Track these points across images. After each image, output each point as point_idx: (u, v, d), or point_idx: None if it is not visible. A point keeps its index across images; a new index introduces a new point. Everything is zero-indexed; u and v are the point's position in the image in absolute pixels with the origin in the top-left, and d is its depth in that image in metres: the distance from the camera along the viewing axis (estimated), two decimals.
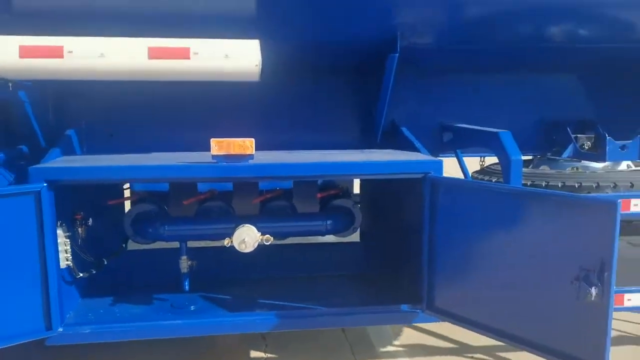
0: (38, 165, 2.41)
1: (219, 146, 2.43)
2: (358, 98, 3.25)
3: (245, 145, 2.43)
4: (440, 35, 2.97)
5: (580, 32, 3.16)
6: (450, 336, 3.84)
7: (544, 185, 3.03)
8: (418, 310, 2.64)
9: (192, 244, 3.01)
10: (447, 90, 3.36)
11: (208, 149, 2.44)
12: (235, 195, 3.11)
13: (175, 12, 2.54)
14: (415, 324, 3.97)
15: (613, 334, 3.43)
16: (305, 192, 3.08)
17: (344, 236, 3.18)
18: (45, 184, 2.33)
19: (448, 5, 2.78)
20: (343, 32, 2.79)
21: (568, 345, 2.11)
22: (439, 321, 2.63)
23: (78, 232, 2.68)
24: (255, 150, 2.44)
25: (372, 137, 3.26)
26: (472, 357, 3.58)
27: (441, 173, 2.58)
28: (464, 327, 2.53)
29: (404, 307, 2.68)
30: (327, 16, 2.66)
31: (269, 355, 3.63)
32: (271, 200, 3.06)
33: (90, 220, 2.77)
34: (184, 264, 2.91)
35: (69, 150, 2.90)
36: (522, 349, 2.33)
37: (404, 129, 3.16)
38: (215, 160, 2.44)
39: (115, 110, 3.16)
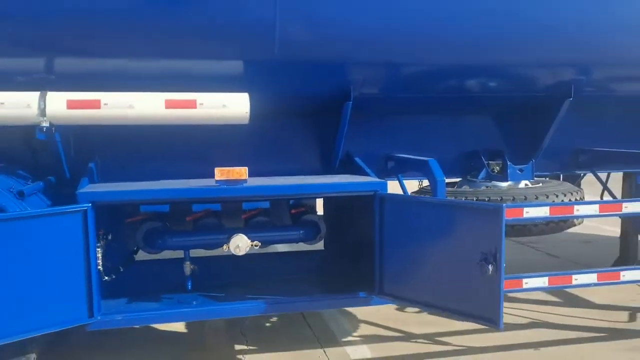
0: (83, 190, 3.14)
1: (221, 173, 3.24)
2: (321, 134, 4.12)
3: (241, 172, 3.25)
4: (384, 87, 3.93)
5: (490, 85, 4.20)
6: (398, 327, 4.72)
7: (463, 199, 3.98)
8: (372, 296, 3.50)
9: (192, 253, 3.79)
10: (390, 128, 4.28)
11: (200, 176, 3.26)
12: (224, 214, 3.91)
13: (186, 73, 3.37)
14: (369, 319, 4.87)
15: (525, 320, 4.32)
16: (280, 210, 3.92)
17: (312, 244, 4.03)
18: (90, 204, 3.07)
19: (388, 67, 3.73)
20: (310, 87, 3.70)
21: (476, 309, 3.01)
22: (389, 303, 3.50)
23: (101, 245, 3.39)
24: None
25: (331, 165, 4.13)
26: (415, 342, 4.45)
27: (386, 190, 3.47)
28: (405, 304, 3.41)
29: (362, 293, 3.53)
30: (299, 77, 3.56)
31: (250, 347, 4.39)
32: (255, 217, 3.88)
33: (110, 235, 3.50)
34: (187, 268, 3.67)
35: (92, 180, 3.62)
36: (445, 316, 3.21)
37: (357, 159, 4.05)
38: (218, 184, 3.25)
39: (124, 146, 3.90)
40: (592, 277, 3.85)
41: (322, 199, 4.20)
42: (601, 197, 5.30)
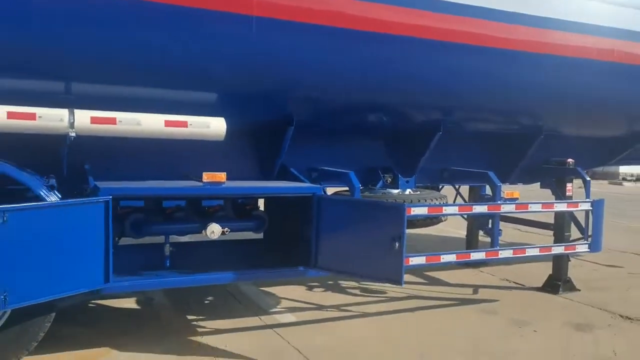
0: (104, 186, 4.09)
1: (207, 176, 4.39)
2: (264, 149, 5.37)
3: (221, 176, 4.43)
4: (316, 116, 5.29)
5: (383, 118, 5.74)
6: (311, 301, 6.09)
7: None
8: (309, 269, 4.82)
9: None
10: (312, 147, 5.60)
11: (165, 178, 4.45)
12: (192, 209, 5.01)
13: (177, 100, 4.49)
14: (288, 296, 6.19)
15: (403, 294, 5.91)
16: (236, 206, 5.12)
17: (257, 232, 5.27)
18: (110, 197, 4.04)
19: (318, 102, 5.12)
20: (263, 114, 4.97)
21: (385, 273, 4.44)
22: (322, 275, 4.85)
23: None
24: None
25: (271, 174, 5.39)
26: (326, 310, 5.85)
27: (321, 192, 4.84)
28: (334, 274, 4.80)
29: (301, 268, 4.84)
30: (253, 107, 4.82)
31: (199, 317, 5.49)
32: (217, 211, 5.03)
33: None
34: (167, 249, 4.72)
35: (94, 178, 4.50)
36: (362, 280, 4.63)
37: (292, 169, 5.37)
38: (206, 185, 4.38)
39: (109, 153, 4.82)
40: (452, 257, 5.55)
41: (263, 199, 5.46)
42: (454, 201, 7.17)
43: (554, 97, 5.98)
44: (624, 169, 30.95)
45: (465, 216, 7.90)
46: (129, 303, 5.84)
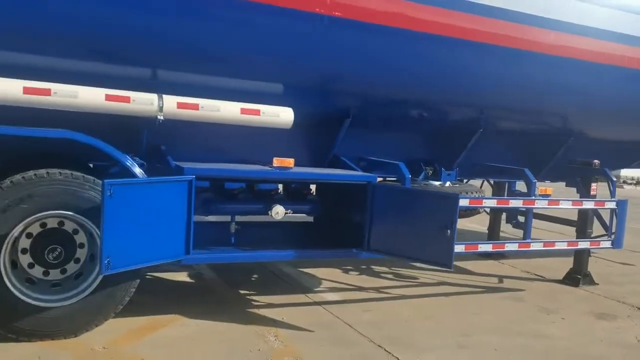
0: (189, 166, 4.48)
1: (277, 162, 4.78)
2: (319, 138, 5.76)
3: (289, 161, 4.82)
4: (369, 110, 5.68)
5: (427, 115, 6.14)
6: (351, 283, 6.50)
7: None
8: (362, 251, 5.22)
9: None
10: (364, 137, 5.99)
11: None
12: (256, 191, 5.41)
13: (252, 90, 4.88)
14: (329, 278, 6.60)
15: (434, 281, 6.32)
16: (296, 190, 5.52)
17: (310, 215, 5.67)
18: (194, 176, 4.42)
19: (373, 97, 5.51)
20: (324, 106, 5.36)
21: (436, 257, 4.86)
22: (375, 257, 5.27)
23: None
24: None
25: (323, 162, 5.79)
26: (366, 291, 6.26)
27: (376, 181, 5.23)
28: (387, 257, 5.22)
29: (354, 249, 5.25)
30: (317, 99, 5.21)
31: (250, 292, 5.89)
32: (277, 194, 5.43)
33: None
34: (233, 227, 5.12)
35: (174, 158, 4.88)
36: (409, 261, 5.04)
37: (343, 158, 5.76)
38: (275, 169, 4.77)
39: (181, 135, 5.19)
40: (488, 247, 5.97)
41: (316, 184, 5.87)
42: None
43: (586, 102, 6.39)
44: (624, 172, 31.45)
45: (488, 210, 8.35)
46: (182, 277, 6.25)
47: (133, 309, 4.77)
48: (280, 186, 5.63)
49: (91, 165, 4.73)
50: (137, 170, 4.35)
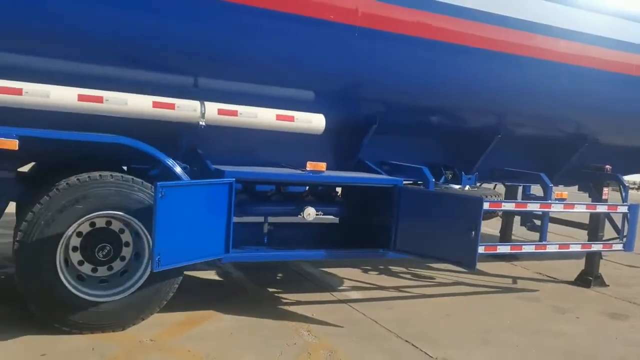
0: (229, 169, 4.72)
1: (310, 165, 5.03)
2: (346, 143, 6.00)
3: (322, 165, 5.06)
4: (394, 116, 5.93)
5: (449, 121, 6.39)
6: (371, 282, 6.75)
7: None
8: (389, 251, 5.47)
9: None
10: (387, 142, 6.25)
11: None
12: (288, 194, 5.66)
13: (287, 97, 5.13)
14: (351, 277, 6.85)
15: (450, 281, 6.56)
16: (324, 193, 5.77)
17: (337, 217, 5.92)
18: (234, 179, 4.66)
19: (399, 105, 5.76)
20: (353, 113, 5.61)
21: (460, 257, 5.11)
22: (401, 257, 5.51)
23: None
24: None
25: (348, 166, 6.03)
26: (387, 290, 6.51)
27: (402, 184, 5.48)
28: (412, 257, 5.46)
29: (381, 250, 5.50)
30: (346, 106, 5.47)
31: (278, 289, 6.14)
32: (307, 196, 5.68)
33: None
34: (266, 228, 5.36)
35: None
36: (434, 262, 5.29)
37: (368, 162, 6.00)
38: (309, 172, 5.02)
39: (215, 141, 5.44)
40: (507, 248, 6.22)
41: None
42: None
43: (601, 109, 6.65)
44: (626, 177, 31.86)
45: (501, 213, 8.59)
46: (211, 275, 6.50)
47: (172, 305, 5.01)
48: (307, 188, 5.87)
49: (125, 167, 4.98)
50: (180, 171, 4.59)
